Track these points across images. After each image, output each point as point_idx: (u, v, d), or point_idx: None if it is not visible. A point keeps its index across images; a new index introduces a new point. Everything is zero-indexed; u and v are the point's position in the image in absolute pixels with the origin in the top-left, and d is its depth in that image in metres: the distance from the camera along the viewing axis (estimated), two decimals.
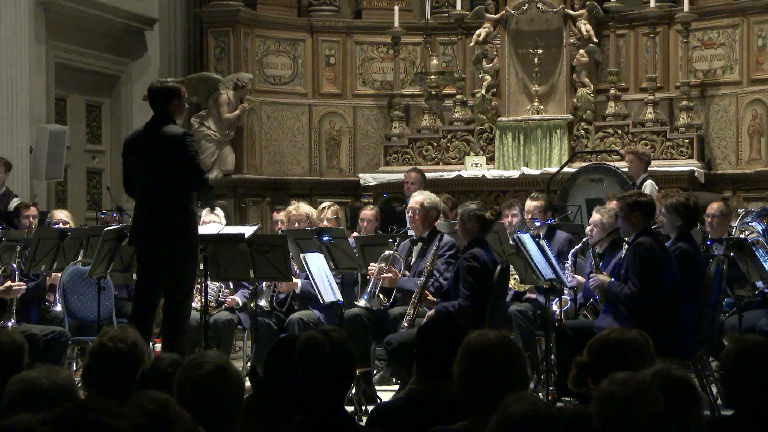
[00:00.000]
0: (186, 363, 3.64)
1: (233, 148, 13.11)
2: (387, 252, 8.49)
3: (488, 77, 13.19)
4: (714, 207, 9.17)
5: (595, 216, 8.31)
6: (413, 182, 11.18)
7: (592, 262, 7.79)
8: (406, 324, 7.84)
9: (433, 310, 7.84)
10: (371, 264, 8.46)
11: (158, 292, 7.40)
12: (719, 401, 7.39)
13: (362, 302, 8.33)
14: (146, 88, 12.78)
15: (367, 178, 13.27)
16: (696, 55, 12.95)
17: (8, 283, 8.24)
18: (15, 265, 8.34)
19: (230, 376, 3.58)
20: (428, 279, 7.97)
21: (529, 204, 9.05)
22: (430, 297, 7.96)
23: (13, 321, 8.03)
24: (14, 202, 10.20)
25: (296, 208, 9.34)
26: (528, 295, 8.75)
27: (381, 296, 8.33)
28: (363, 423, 4.80)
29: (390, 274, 8.32)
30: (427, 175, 11.71)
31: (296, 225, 9.07)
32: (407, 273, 8.41)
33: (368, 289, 8.36)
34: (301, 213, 9.23)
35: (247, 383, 4.10)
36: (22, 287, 8.29)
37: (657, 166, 11.90)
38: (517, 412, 2.90)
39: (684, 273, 7.22)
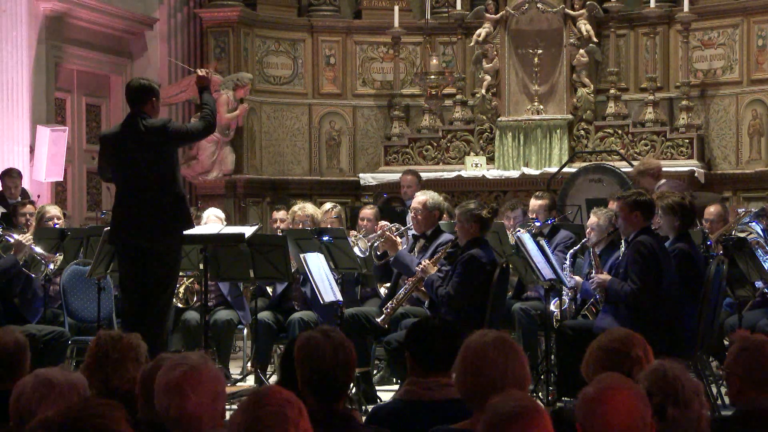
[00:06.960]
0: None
1: (233, 148, 13.10)
2: (399, 225, 8.70)
3: (488, 77, 13.19)
4: (711, 211, 9.16)
5: (592, 218, 8.30)
6: (409, 185, 11.15)
7: (591, 262, 7.78)
8: (388, 309, 7.88)
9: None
10: (383, 222, 8.70)
11: (145, 290, 7.14)
12: (719, 401, 7.40)
13: (357, 250, 8.38)
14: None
15: (367, 178, 13.25)
16: (696, 55, 12.94)
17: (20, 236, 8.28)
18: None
19: None
20: (422, 279, 7.97)
21: (534, 203, 9.04)
22: (423, 288, 7.99)
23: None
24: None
25: (301, 208, 9.34)
26: (529, 293, 8.76)
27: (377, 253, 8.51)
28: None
29: (397, 239, 8.36)
30: (428, 175, 11.70)
31: (300, 225, 9.08)
32: None
33: (372, 236, 8.48)
34: (306, 214, 9.24)
35: None
36: (29, 237, 8.29)
37: None
38: (505, 410, 2.88)
39: (683, 273, 7.21)
